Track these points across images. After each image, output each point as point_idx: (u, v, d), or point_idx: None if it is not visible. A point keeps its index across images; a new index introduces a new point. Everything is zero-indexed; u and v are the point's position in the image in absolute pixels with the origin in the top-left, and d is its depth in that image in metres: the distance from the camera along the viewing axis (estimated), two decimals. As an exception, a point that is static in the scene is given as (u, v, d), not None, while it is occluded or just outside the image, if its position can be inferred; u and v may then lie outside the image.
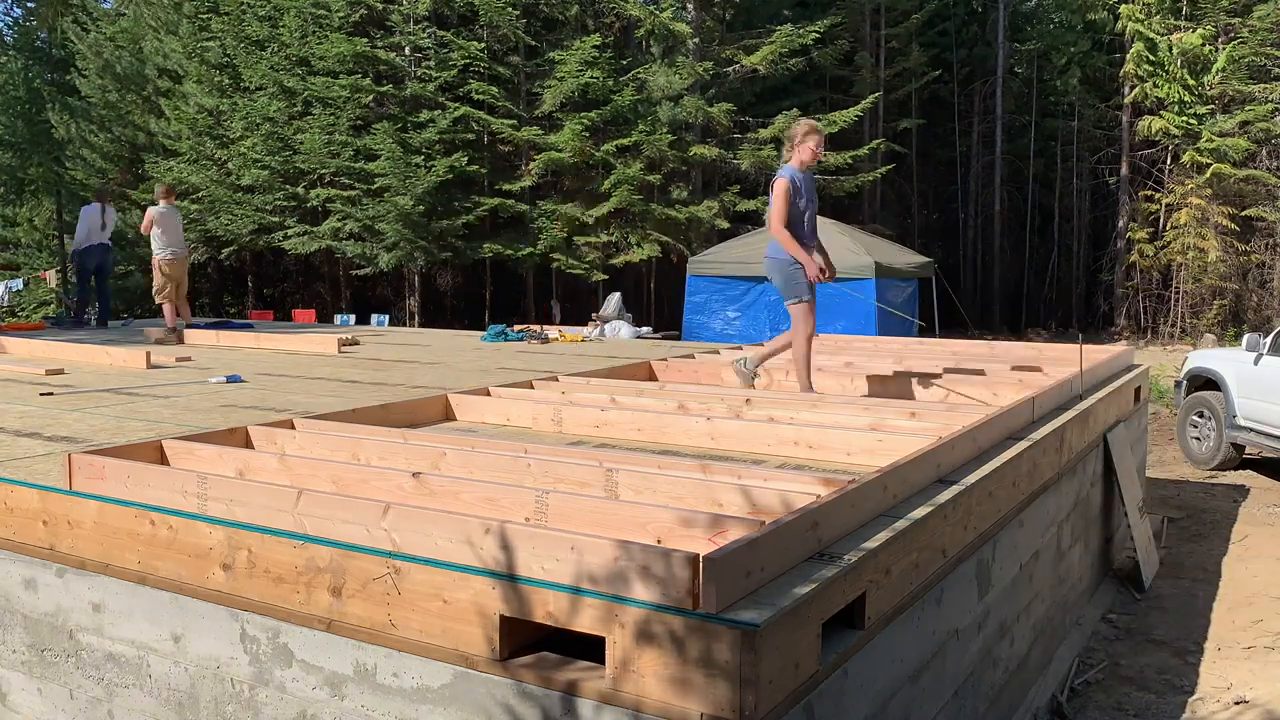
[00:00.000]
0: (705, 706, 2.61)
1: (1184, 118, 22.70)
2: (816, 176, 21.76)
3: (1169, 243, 23.43)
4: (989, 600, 4.39)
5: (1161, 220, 24.17)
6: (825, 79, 25.97)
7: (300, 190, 20.79)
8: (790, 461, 4.71)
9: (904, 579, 3.43)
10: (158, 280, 11.28)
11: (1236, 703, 5.33)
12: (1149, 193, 24.82)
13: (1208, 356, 11.48)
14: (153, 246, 11.31)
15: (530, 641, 3.01)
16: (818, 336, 11.02)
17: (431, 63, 20.77)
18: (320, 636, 3.29)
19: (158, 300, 11.39)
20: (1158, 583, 7.39)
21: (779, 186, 6.09)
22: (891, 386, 6.71)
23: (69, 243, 25.81)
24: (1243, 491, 10.03)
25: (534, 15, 21.63)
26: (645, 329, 18.12)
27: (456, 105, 20.14)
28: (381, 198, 19.62)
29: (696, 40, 21.78)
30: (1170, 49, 22.70)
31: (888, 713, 3.32)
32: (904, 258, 17.91)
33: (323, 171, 20.55)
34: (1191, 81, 22.71)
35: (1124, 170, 25.99)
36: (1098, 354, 8.11)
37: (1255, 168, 22.27)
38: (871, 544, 3.24)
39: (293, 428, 4.96)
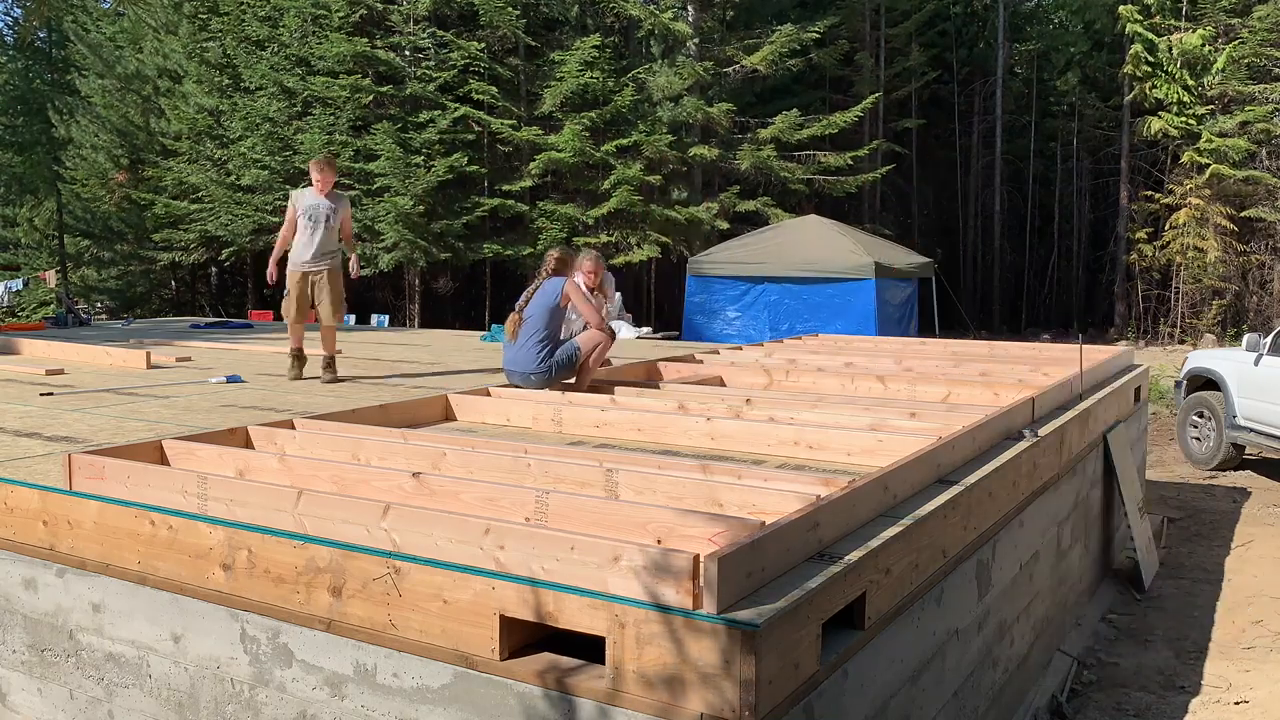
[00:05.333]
0: (705, 707, 2.61)
1: (1183, 118, 22.71)
2: (818, 177, 21.87)
3: (1168, 243, 23.42)
4: (989, 600, 4.39)
5: (1161, 220, 24.16)
6: (825, 79, 25.95)
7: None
8: (790, 461, 4.71)
9: (904, 579, 3.43)
10: None
11: (1236, 703, 5.33)
12: (1149, 193, 24.82)
13: (1208, 357, 11.48)
14: None
15: (530, 642, 3.01)
16: (817, 336, 11.07)
17: (431, 63, 20.76)
18: (320, 637, 3.29)
19: None
20: (1158, 583, 7.39)
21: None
22: (891, 386, 6.71)
23: (69, 243, 25.88)
24: (1243, 492, 10.02)
25: (534, 15, 21.62)
26: (645, 329, 18.12)
27: (456, 105, 20.12)
28: (381, 198, 19.61)
29: (696, 41, 21.78)
30: (1170, 50, 22.69)
31: (888, 713, 3.32)
32: (904, 258, 17.91)
33: (323, 172, 20.53)
34: (1191, 82, 22.70)
35: (1124, 170, 26.00)
36: (1098, 354, 8.12)
37: (1255, 168, 22.25)
38: (872, 544, 3.24)
39: (293, 428, 4.96)
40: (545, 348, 6.09)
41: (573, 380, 6.37)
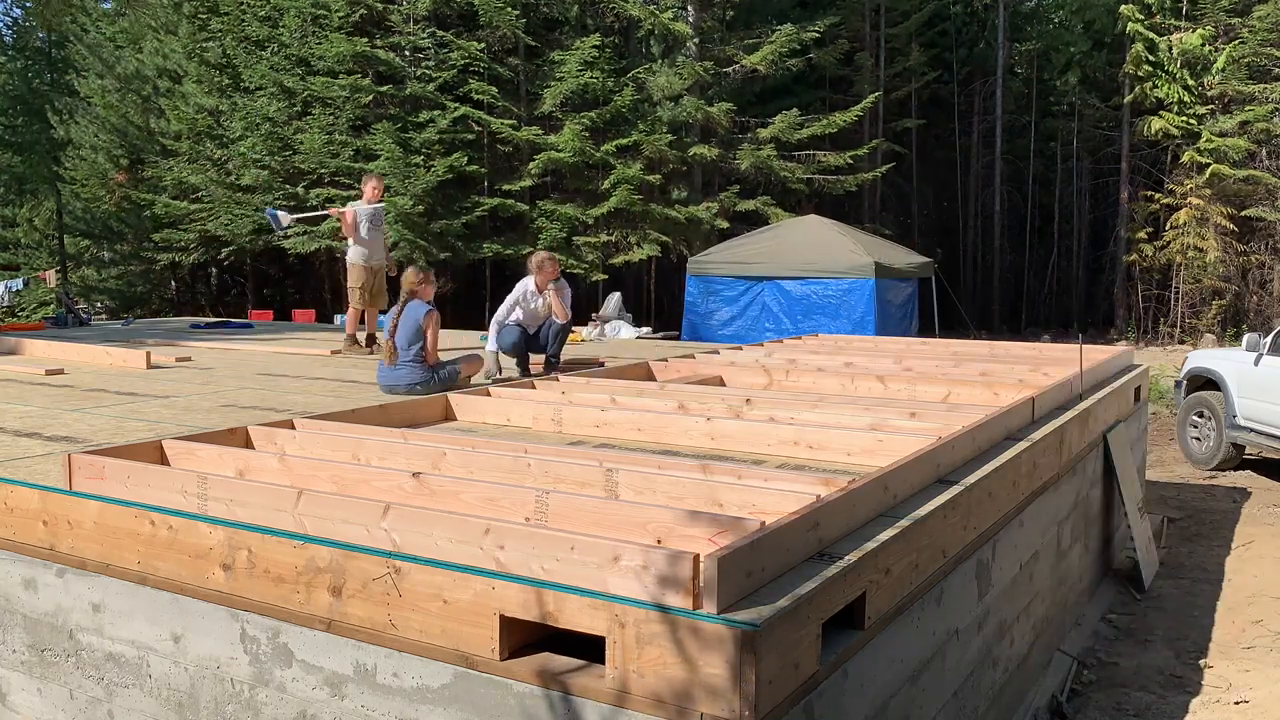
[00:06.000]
0: (705, 707, 2.61)
1: (1184, 118, 22.72)
2: (818, 177, 21.93)
3: (1168, 243, 23.43)
4: (989, 600, 4.39)
5: (1161, 220, 24.17)
6: (825, 79, 25.94)
7: (300, 190, 20.78)
8: (790, 461, 4.71)
9: (904, 579, 3.43)
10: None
11: (1236, 703, 5.33)
12: (1149, 193, 24.83)
13: (1208, 356, 11.48)
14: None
15: (530, 642, 3.01)
16: (817, 336, 11.06)
17: (431, 63, 20.77)
18: (320, 636, 3.29)
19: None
20: (1158, 583, 7.39)
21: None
22: (891, 386, 6.71)
23: (69, 243, 25.89)
24: (1243, 492, 10.02)
25: (534, 15, 21.62)
26: (645, 329, 18.12)
27: (456, 105, 20.12)
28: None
29: (696, 41, 21.78)
30: (1170, 49, 22.71)
31: (887, 713, 3.32)
32: (904, 258, 17.91)
33: (322, 171, 20.53)
34: (1191, 82, 22.72)
35: (1124, 170, 26.01)
36: (1098, 354, 8.12)
37: (1255, 168, 22.26)
38: (872, 544, 3.24)
39: (293, 428, 4.96)
40: (424, 369, 6.67)
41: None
